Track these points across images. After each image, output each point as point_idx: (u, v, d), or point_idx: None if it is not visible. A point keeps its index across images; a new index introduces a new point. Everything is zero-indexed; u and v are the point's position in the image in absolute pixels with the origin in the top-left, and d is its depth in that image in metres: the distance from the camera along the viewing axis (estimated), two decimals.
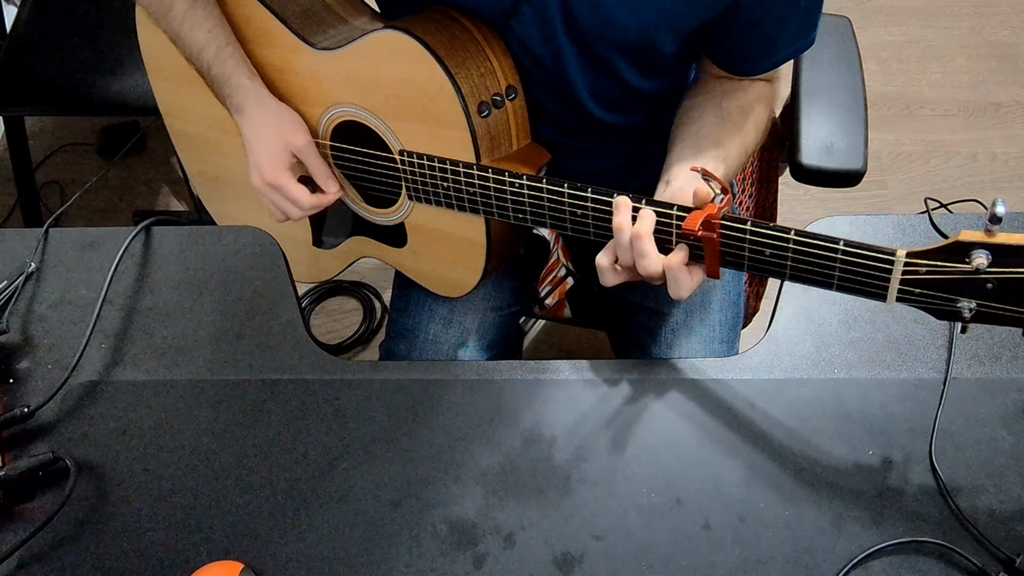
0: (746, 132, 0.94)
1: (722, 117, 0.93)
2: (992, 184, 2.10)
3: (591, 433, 0.88)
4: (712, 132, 0.92)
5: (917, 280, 0.72)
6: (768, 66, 0.95)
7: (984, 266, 0.68)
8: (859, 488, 0.83)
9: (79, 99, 1.66)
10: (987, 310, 0.70)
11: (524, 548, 0.82)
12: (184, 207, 2.14)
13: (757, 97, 0.96)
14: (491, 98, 0.91)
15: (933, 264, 0.70)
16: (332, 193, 1.00)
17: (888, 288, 0.73)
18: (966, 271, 0.69)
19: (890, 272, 0.72)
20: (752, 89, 0.96)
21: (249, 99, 0.97)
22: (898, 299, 0.74)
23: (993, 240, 0.68)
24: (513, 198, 0.90)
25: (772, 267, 0.79)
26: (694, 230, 0.78)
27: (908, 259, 0.71)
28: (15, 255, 1.02)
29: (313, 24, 0.98)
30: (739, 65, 0.95)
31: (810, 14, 0.90)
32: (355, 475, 0.87)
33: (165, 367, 0.94)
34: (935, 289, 0.71)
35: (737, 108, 0.94)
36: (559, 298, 1.15)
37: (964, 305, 0.71)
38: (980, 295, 0.70)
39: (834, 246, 0.74)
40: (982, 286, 0.69)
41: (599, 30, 0.88)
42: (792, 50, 0.94)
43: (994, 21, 2.39)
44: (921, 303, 0.73)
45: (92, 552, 0.84)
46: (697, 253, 0.82)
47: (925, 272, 0.71)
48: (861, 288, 0.75)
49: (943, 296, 0.71)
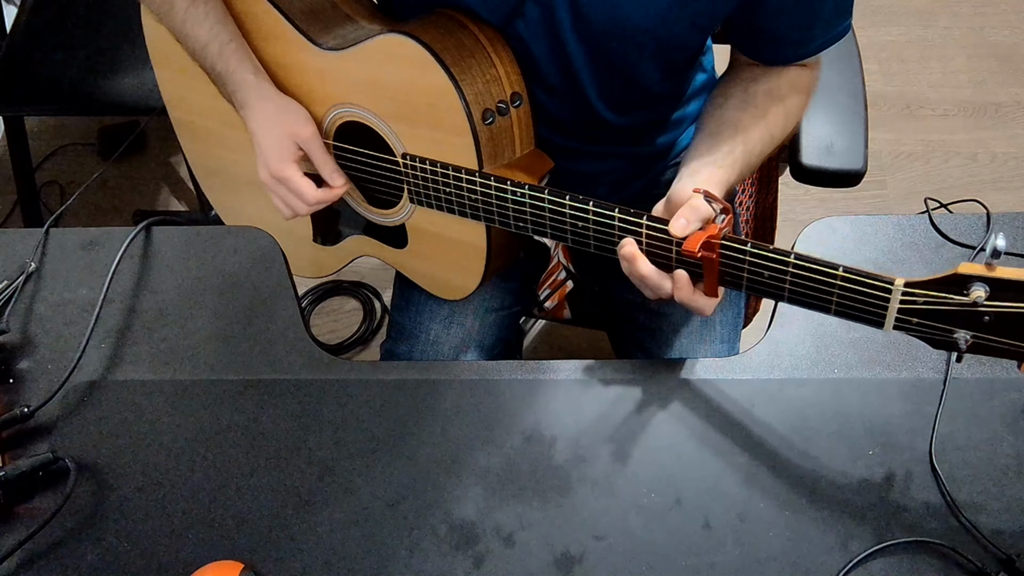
0: (772, 118, 0.91)
1: (746, 101, 0.91)
2: (992, 184, 2.10)
3: (591, 433, 0.88)
4: (732, 116, 0.90)
5: (914, 310, 0.72)
6: (804, 53, 0.92)
7: (982, 299, 0.68)
8: (859, 488, 0.83)
9: (79, 99, 1.66)
10: (983, 342, 0.70)
11: (524, 548, 0.82)
12: (184, 207, 2.14)
13: (791, 84, 0.93)
14: (496, 105, 0.90)
15: (931, 295, 0.70)
16: (338, 187, 0.99)
17: (885, 316, 0.73)
18: (964, 303, 0.69)
19: (888, 301, 0.72)
20: (786, 74, 0.93)
21: (253, 94, 0.97)
22: (895, 327, 0.74)
23: (992, 274, 0.68)
24: (515, 207, 0.90)
25: (770, 289, 0.79)
26: (694, 252, 0.78)
27: (906, 288, 0.71)
28: (15, 255, 1.02)
29: (319, 23, 0.98)
30: (773, 53, 0.93)
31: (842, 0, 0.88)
32: (355, 475, 0.87)
33: (165, 367, 0.94)
34: (932, 320, 0.71)
35: (764, 92, 0.92)
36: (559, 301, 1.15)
37: (961, 336, 0.70)
38: (977, 327, 0.70)
39: (833, 272, 0.74)
40: (979, 319, 0.69)
41: (612, 28, 0.87)
42: (826, 38, 0.91)
43: (994, 21, 2.38)
44: (918, 332, 0.73)
45: (92, 552, 0.84)
46: (696, 272, 0.82)
47: (923, 302, 0.71)
48: (858, 315, 0.75)
49: (940, 327, 0.72)
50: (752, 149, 0.89)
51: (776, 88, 0.92)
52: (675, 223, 0.79)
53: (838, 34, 0.91)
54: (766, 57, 0.94)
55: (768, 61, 0.94)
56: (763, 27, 0.90)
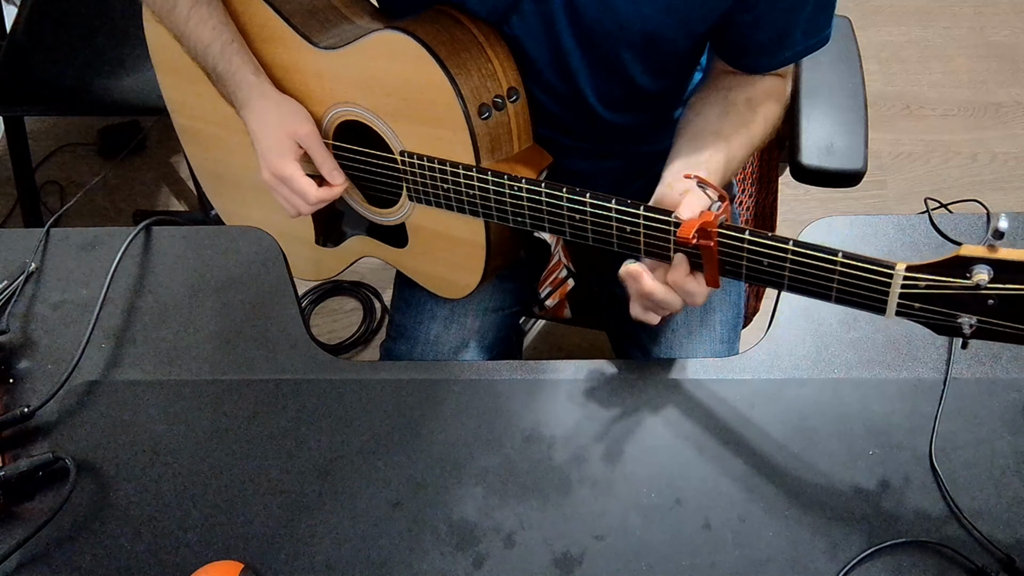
0: (753, 125, 0.92)
1: (726, 109, 0.92)
2: (992, 184, 2.10)
3: (591, 433, 0.88)
4: (714, 123, 0.91)
5: (917, 295, 0.71)
6: (780, 62, 0.94)
7: (985, 282, 0.67)
8: (859, 488, 0.83)
9: (79, 99, 1.66)
10: (988, 326, 0.69)
11: (524, 548, 0.82)
12: (184, 207, 2.14)
13: (767, 92, 0.95)
14: (492, 100, 0.91)
15: (933, 279, 0.69)
16: (338, 185, 0.99)
17: (887, 302, 0.73)
18: (966, 287, 0.68)
19: (889, 286, 0.72)
20: (762, 83, 0.95)
21: (254, 94, 0.97)
22: (897, 313, 0.73)
23: (995, 256, 0.67)
24: (512, 202, 0.90)
25: (770, 277, 0.78)
26: (688, 239, 0.77)
27: (908, 273, 0.70)
28: (15, 255, 1.02)
29: (317, 23, 0.98)
30: (750, 61, 0.94)
31: (822, 10, 0.89)
32: (355, 475, 0.87)
33: (165, 367, 0.94)
34: (935, 304, 0.70)
35: (744, 100, 0.93)
36: (560, 299, 1.15)
37: (964, 321, 0.69)
38: (981, 311, 0.69)
39: (833, 258, 0.73)
40: (983, 302, 0.68)
41: (606, 27, 0.87)
42: (805, 46, 0.92)
43: (994, 21, 2.39)
44: (921, 318, 0.72)
45: (92, 552, 0.84)
46: (696, 262, 0.81)
47: (925, 287, 0.70)
48: (860, 301, 0.74)
49: (943, 312, 0.71)
50: (734, 156, 0.89)
51: (755, 97, 0.93)
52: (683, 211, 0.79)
53: (812, 45, 0.92)
54: (745, 64, 0.95)
55: (747, 69, 0.95)
56: (745, 34, 0.91)
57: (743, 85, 0.94)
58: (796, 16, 0.89)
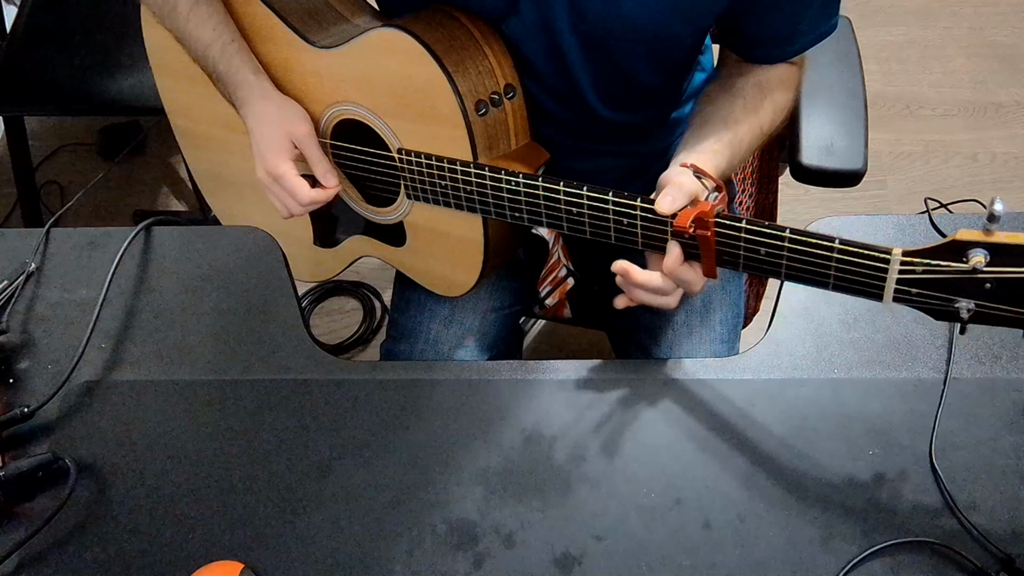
0: (762, 112, 0.92)
1: (734, 95, 0.92)
2: (992, 184, 2.10)
3: (591, 433, 0.88)
4: (721, 110, 0.91)
5: (914, 280, 0.71)
6: (792, 52, 0.93)
7: (982, 265, 0.67)
8: (859, 488, 0.83)
9: (79, 99, 1.66)
10: (986, 311, 0.69)
11: (524, 548, 0.82)
12: (184, 207, 2.14)
13: (779, 78, 0.94)
14: (489, 97, 0.91)
15: (930, 263, 0.69)
16: (331, 187, 0.99)
17: (884, 288, 0.73)
18: (963, 270, 0.68)
19: (886, 271, 0.72)
20: (774, 70, 0.94)
21: (254, 94, 0.97)
22: (895, 299, 0.73)
23: (991, 239, 0.67)
24: (509, 196, 0.90)
25: (768, 266, 0.78)
26: (685, 228, 0.78)
27: (904, 258, 0.70)
28: (15, 255, 1.02)
29: (315, 22, 0.98)
30: (762, 52, 0.94)
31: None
32: (355, 475, 0.87)
33: (165, 367, 0.94)
34: (932, 289, 0.70)
35: (753, 85, 0.93)
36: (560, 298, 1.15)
37: (962, 305, 0.69)
38: (978, 295, 0.69)
39: (830, 244, 0.74)
40: (980, 286, 0.68)
41: (609, 24, 0.87)
42: (816, 34, 0.92)
43: (994, 21, 2.39)
44: (918, 303, 0.72)
45: (92, 552, 0.84)
46: (692, 252, 0.81)
47: (922, 271, 0.70)
48: (857, 288, 0.74)
49: (941, 296, 0.70)
50: (741, 139, 0.89)
51: (765, 82, 0.93)
52: (661, 200, 0.80)
53: (823, 33, 0.92)
54: (755, 56, 0.94)
55: (757, 60, 0.95)
56: (752, 27, 0.91)
57: (753, 71, 0.94)
58: (805, 7, 0.88)
